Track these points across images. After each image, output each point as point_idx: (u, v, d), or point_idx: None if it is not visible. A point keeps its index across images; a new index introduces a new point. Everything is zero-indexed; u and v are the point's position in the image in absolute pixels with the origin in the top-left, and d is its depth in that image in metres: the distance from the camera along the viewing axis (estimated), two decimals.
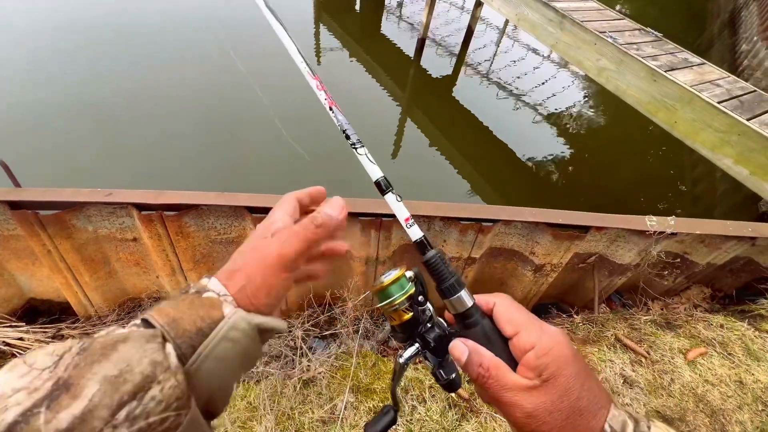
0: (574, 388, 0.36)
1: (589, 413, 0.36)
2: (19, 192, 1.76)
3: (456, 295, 0.42)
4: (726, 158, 2.90)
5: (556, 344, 0.38)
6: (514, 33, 8.02)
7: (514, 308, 0.41)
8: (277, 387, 1.74)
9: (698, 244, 2.22)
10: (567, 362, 0.37)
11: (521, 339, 0.38)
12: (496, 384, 0.38)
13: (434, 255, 0.45)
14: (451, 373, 0.45)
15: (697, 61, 3.46)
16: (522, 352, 0.38)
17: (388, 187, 0.50)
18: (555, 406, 0.35)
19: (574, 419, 0.35)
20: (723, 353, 1.92)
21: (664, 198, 4.75)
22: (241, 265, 0.38)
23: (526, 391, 0.36)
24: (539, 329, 0.39)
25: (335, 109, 0.53)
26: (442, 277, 0.44)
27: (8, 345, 2.02)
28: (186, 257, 2.03)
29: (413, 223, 0.48)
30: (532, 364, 0.37)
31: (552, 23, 3.87)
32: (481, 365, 0.39)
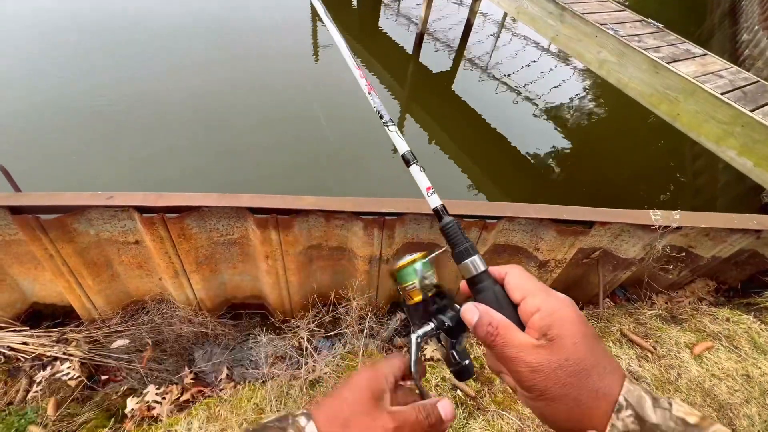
0: (579, 348, 0.36)
1: (596, 373, 0.36)
2: (20, 197, 1.74)
3: (469, 259, 0.44)
4: (729, 150, 2.88)
5: (561, 307, 0.39)
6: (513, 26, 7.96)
7: (525, 276, 0.43)
8: (283, 388, 1.74)
9: (703, 237, 2.20)
10: (572, 323, 0.38)
11: (528, 303, 0.40)
12: (503, 341, 0.39)
13: (450, 221, 0.48)
14: (465, 359, 0.46)
15: (700, 52, 3.43)
16: (528, 316, 0.39)
17: (413, 160, 0.56)
18: (559, 363, 0.36)
19: (578, 378, 0.36)
20: (729, 347, 1.91)
21: (666, 190, 4.74)
22: (350, 426, 0.37)
23: (532, 349, 0.37)
24: (545, 294, 0.40)
25: (373, 93, 0.66)
26: (456, 242, 0.46)
27: (13, 350, 2.02)
28: (189, 259, 2.02)
29: (433, 192, 0.53)
30: (537, 325, 0.38)
31: (552, 16, 3.82)
32: (490, 324, 0.40)
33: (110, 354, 2.09)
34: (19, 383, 1.93)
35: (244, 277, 2.29)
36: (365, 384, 0.40)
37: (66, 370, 1.98)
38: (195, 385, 2.01)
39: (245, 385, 1.81)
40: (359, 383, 0.40)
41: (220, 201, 1.81)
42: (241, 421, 1.60)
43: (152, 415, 1.80)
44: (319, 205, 1.85)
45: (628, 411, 0.35)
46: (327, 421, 0.37)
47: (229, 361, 2.19)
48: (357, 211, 1.87)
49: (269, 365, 1.89)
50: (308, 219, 1.96)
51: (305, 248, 2.09)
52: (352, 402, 0.39)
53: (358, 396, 0.39)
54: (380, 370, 0.42)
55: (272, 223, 1.87)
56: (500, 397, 1.72)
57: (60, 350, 2.04)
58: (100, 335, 2.14)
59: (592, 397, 0.36)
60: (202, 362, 2.18)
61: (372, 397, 0.39)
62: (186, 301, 2.26)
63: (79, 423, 1.74)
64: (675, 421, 0.34)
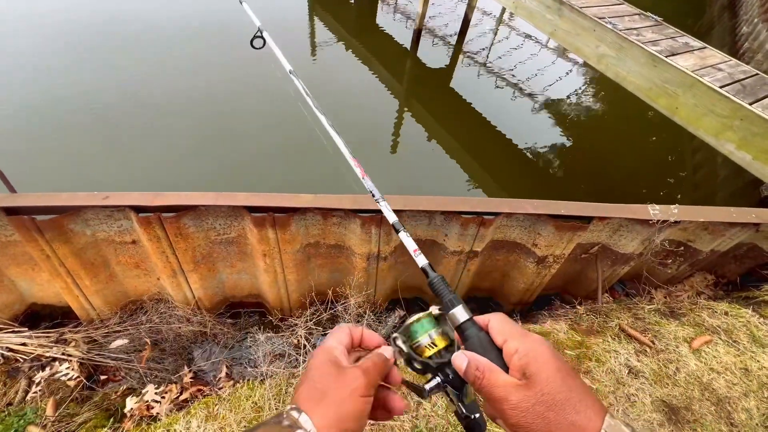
0: (551, 382, 0.40)
1: (570, 407, 0.39)
2: (15, 198, 1.74)
3: (453, 310, 0.50)
4: (728, 143, 2.86)
5: (535, 347, 0.43)
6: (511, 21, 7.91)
7: (505, 322, 0.48)
8: (282, 386, 1.74)
9: (701, 231, 2.20)
10: (545, 361, 0.41)
11: (509, 346, 0.44)
12: (488, 384, 0.43)
13: (435, 277, 0.55)
14: (474, 413, 0.48)
15: (698, 46, 3.41)
16: (510, 357, 0.44)
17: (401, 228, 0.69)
18: (536, 398, 0.39)
19: (555, 412, 0.38)
20: (728, 341, 1.91)
21: (665, 185, 4.72)
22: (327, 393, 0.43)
23: (514, 388, 0.41)
24: (522, 336, 0.45)
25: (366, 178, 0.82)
26: (440, 295, 0.53)
27: (12, 351, 2.02)
28: (186, 258, 2.02)
29: (419, 253, 0.63)
30: (517, 365, 0.42)
31: (550, 10, 3.80)
32: (477, 369, 0.44)
33: (109, 354, 2.09)
34: (18, 384, 1.94)
35: (242, 275, 2.29)
36: (324, 358, 0.46)
37: (65, 370, 1.98)
38: (194, 384, 2.01)
39: (244, 383, 1.81)
40: (318, 362, 0.46)
41: (217, 200, 1.80)
42: (239, 419, 1.61)
43: (151, 415, 1.80)
44: (317, 203, 1.84)
45: None
46: (307, 401, 0.42)
47: (228, 359, 2.19)
48: (354, 208, 1.86)
49: (268, 363, 1.89)
50: (305, 217, 1.95)
51: (303, 246, 2.09)
52: (319, 377, 0.44)
53: (322, 370, 0.45)
54: (328, 344, 0.48)
55: (269, 222, 1.87)
56: None
57: (59, 351, 2.04)
58: (99, 335, 2.14)
59: (571, 430, 0.38)
60: (201, 361, 2.18)
61: (332, 364, 0.45)
62: (184, 300, 2.26)
63: (78, 423, 1.74)
64: None
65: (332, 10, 7.13)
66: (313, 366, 0.46)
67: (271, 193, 1.85)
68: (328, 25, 6.78)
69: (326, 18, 6.92)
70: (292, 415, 0.40)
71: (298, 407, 0.41)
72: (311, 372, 0.45)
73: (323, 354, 0.47)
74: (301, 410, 0.41)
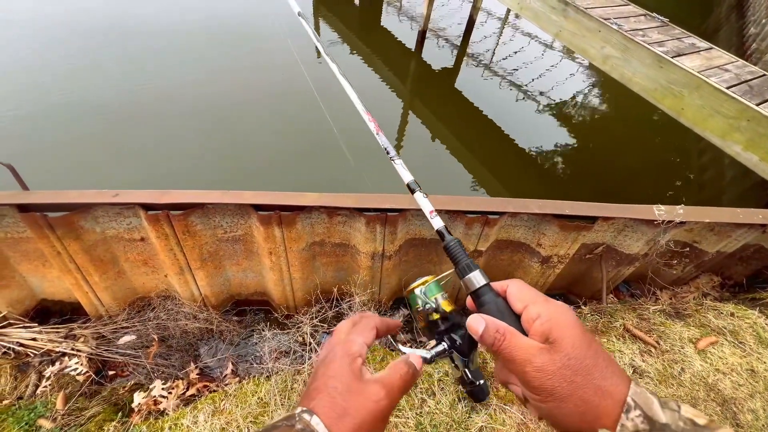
0: (578, 349, 0.39)
1: (597, 372, 0.38)
2: (27, 195, 1.77)
3: (471, 274, 0.48)
4: (735, 145, 2.85)
5: (559, 313, 0.41)
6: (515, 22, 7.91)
7: (525, 288, 0.46)
8: (287, 382, 1.76)
9: (707, 232, 2.19)
10: (570, 327, 0.40)
11: (529, 311, 0.43)
12: (509, 345, 0.41)
13: (452, 240, 0.53)
14: (479, 379, 0.48)
15: (705, 46, 3.39)
16: (530, 323, 0.42)
17: (417, 188, 0.65)
18: (563, 362, 0.38)
19: (582, 376, 0.37)
20: (734, 342, 1.90)
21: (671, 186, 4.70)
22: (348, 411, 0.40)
23: (537, 351, 0.40)
24: (545, 302, 0.43)
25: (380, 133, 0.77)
26: (457, 260, 0.50)
27: (22, 345, 2.06)
28: (193, 256, 2.04)
29: (436, 214, 0.59)
30: (539, 330, 0.41)
31: (555, 11, 3.80)
32: (497, 330, 0.42)
33: (117, 350, 2.12)
34: (28, 378, 1.97)
35: (247, 273, 2.32)
36: (346, 368, 0.42)
37: (74, 365, 2.01)
38: (200, 380, 2.03)
39: (250, 379, 1.83)
40: (340, 369, 0.42)
41: (224, 198, 1.83)
42: (245, 414, 1.63)
43: (159, 409, 1.83)
44: (322, 201, 1.86)
45: (637, 411, 0.36)
46: (328, 414, 0.39)
47: (234, 356, 2.21)
48: (359, 207, 1.88)
49: (273, 360, 1.91)
50: (311, 215, 1.97)
51: (308, 244, 2.10)
52: (342, 389, 0.41)
53: (345, 381, 0.41)
54: (354, 350, 0.44)
55: (275, 220, 1.89)
56: (503, 392, 1.73)
57: (68, 346, 2.08)
58: (107, 331, 2.17)
59: (598, 395, 0.37)
60: (207, 357, 2.20)
61: (354, 376, 0.42)
62: (191, 297, 2.29)
63: (87, 417, 1.77)
64: (684, 421, 0.35)
65: (336, 11, 7.17)
66: (334, 372, 0.42)
67: (278, 192, 1.87)
68: (332, 26, 6.82)
69: (330, 18, 6.96)
70: (304, 417, 0.39)
71: (311, 411, 0.39)
72: (331, 380, 0.42)
73: (346, 360, 0.43)
74: (313, 412, 0.39)
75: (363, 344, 0.45)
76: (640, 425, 0.35)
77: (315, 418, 0.39)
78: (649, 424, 0.35)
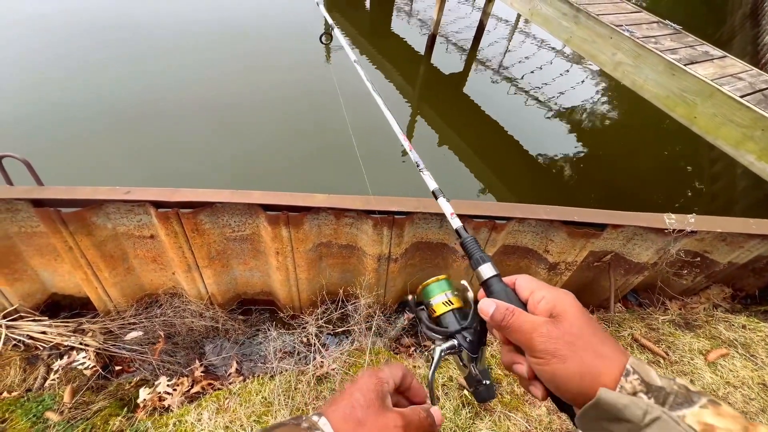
0: (580, 321, 0.43)
1: (597, 340, 0.42)
2: (42, 190, 1.81)
3: (484, 265, 0.53)
4: (749, 154, 2.80)
5: (561, 295, 0.46)
6: (526, 28, 7.90)
7: (531, 279, 0.50)
8: (291, 382, 1.76)
9: (719, 242, 2.16)
10: (571, 305, 0.45)
11: (534, 295, 0.47)
12: (517, 320, 0.45)
13: (469, 237, 0.59)
14: (486, 379, 0.50)
15: (719, 54, 3.36)
16: (535, 305, 0.46)
17: (440, 194, 0.75)
18: (565, 329, 0.42)
19: (583, 340, 0.42)
20: (745, 355, 1.87)
21: (682, 195, 4.63)
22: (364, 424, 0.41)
23: (543, 322, 0.44)
24: (548, 287, 0.48)
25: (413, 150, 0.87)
26: (473, 253, 0.56)
27: (32, 338, 2.09)
28: (201, 254, 2.07)
29: (455, 216, 0.68)
30: (543, 309, 0.45)
31: (566, 17, 3.79)
32: (507, 309, 0.47)
33: (124, 345, 2.14)
34: (37, 371, 2.00)
35: (254, 273, 2.33)
36: (373, 388, 0.44)
37: (82, 359, 2.04)
38: (205, 378, 2.05)
39: (254, 378, 1.84)
40: (367, 386, 0.44)
41: (233, 197, 1.85)
42: (249, 413, 1.63)
43: (163, 406, 1.84)
44: (330, 202, 1.87)
45: (635, 376, 0.39)
46: (342, 420, 0.40)
47: (239, 355, 2.22)
48: (367, 209, 1.88)
49: (278, 360, 1.92)
50: (318, 216, 1.98)
51: (315, 245, 2.11)
52: (364, 404, 0.42)
53: (368, 398, 0.43)
54: (383, 375, 0.46)
55: (283, 220, 1.90)
56: (507, 398, 1.71)
57: (77, 340, 2.10)
58: (115, 327, 2.20)
59: (598, 358, 0.41)
60: (212, 356, 2.22)
61: (378, 398, 0.43)
62: (198, 295, 2.31)
63: (93, 411, 1.78)
64: (678, 386, 0.38)
65: (348, 15, 7.23)
66: (361, 388, 0.44)
67: (286, 192, 1.89)
68: (343, 29, 6.87)
69: (341, 22, 7.02)
70: (312, 418, 0.40)
71: (322, 414, 0.41)
72: (356, 394, 0.43)
73: (375, 382, 0.45)
74: (322, 414, 0.41)
75: (389, 376, 0.47)
76: (637, 387, 0.38)
77: (323, 420, 0.40)
78: (646, 387, 0.38)
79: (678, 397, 0.37)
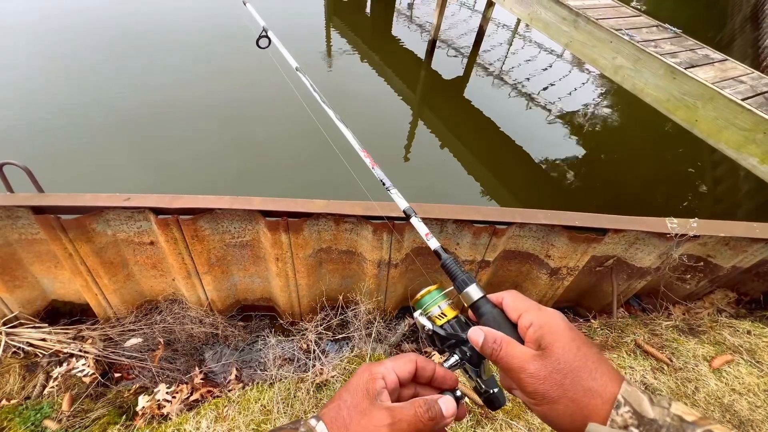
0: (567, 352, 0.41)
1: (586, 373, 0.40)
2: (43, 197, 1.81)
3: (467, 289, 0.51)
4: (751, 157, 2.79)
5: (550, 319, 0.44)
6: (525, 32, 7.92)
7: (519, 298, 0.48)
8: (290, 390, 1.74)
9: (722, 246, 2.14)
10: (560, 332, 0.42)
11: (523, 319, 0.45)
12: (505, 355, 0.44)
13: (447, 258, 0.56)
14: (493, 387, 0.49)
15: (719, 58, 3.35)
16: (525, 331, 0.45)
17: (412, 213, 0.71)
18: (553, 367, 0.41)
19: (571, 378, 0.40)
20: (751, 361, 1.84)
21: (684, 198, 4.61)
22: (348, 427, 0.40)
23: (531, 358, 0.42)
24: (537, 309, 0.46)
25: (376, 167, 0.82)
26: (454, 276, 0.54)
27: (32, 345, 2.09)
28: (201, 260, 2.06)
29: (431, 236, 0.65)
30: (532, 338, 0.43)
31: (566, 22, 3.80)
32: (494, 341, 0.45)
33: (123, 352, 2.13)
34: (36, 378, 1.99)
35: (254, 279, 2.32)
36: (362, 385, 0.43)
37: (81, 366, 2.03)
38: (204, 385, 2.03)
39: (253, 386, 1.82)
40: (357, 384, 0.43)
41: (233, 204, 1.84)
42: (248, 421, 1.61)
43: (162, 414, 1.83)
44: (330, 208, 1.87)
45: (627, 407, 0.38)
46: (331, 424, 0.40)
47: (238, 362, 2.21)
48: (366, 214, 1.88)
49: (277, 367, 1.91)
50: (318, 222, 1.97)
51: (315, 251, 2.11)
52: (351, 404, 0.41)
53: (356, 398, 0.42)
54: (377, 370, 0.44)
55: (283, 226, 1.89)
56: (509, 406, 1.69)
57: (76, 347, 2.10)
58: (115, 333, 2.19)
59: (587, 396, 0.39)
60: (212, 362, 2.21)
61: (367, 396, 0.42)
62: (198, 301, 2.30)
63: (92, 419, 1.77)
64: (672, 417, 0.37)
65: (349, 21, 7.27)
66: (350, 387, 0.43)
67: (286, 198, 1.89)
68: (344, 35, 6.91)
69: (342, 28, 7.06)
70: (310, 423, 0.40)
71: (320, 417, 0.41)
72: (345, 394, 0.42)
73: (366, 379, 0.43)
74: (320, 418, 0.40)
75: (391, 369, 0.44)
76: (629, 420, 0.37)
77: (321, 425, 0.40)
78: (637, 419, 0.37)
79: (670, 430, 0.36)
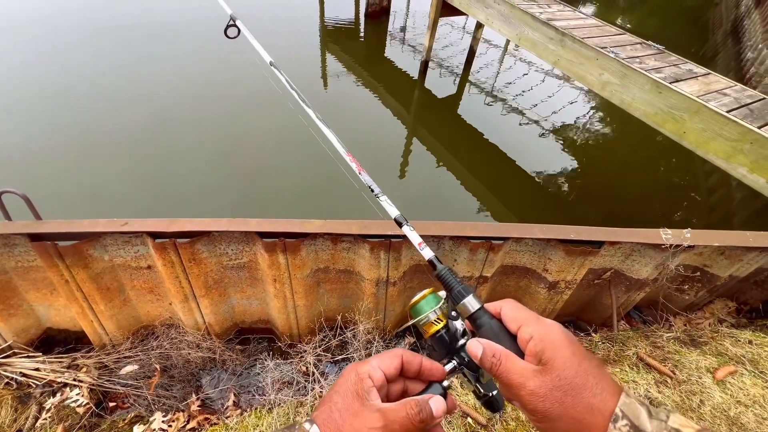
0: (568, 368, 0.40)
1: (587, 390, 0.39)
2: (40, 224, 1.82)
3: (464, 300, 0.49)
4: (740, 167, 2.84)
5: (550, 332, 0.43)
6: (515, 51, 8.16)
7: (517, 308, 0.47)
8: (289, 415, 1.71)
9: (718, 256, 2.15)
10: (561, 346, 0.42)
11: (523, 332, 0.44)
12: (505, 370, 0.43)
13: (442, 269, 0.54)
14: (491, 390, 0.49)
15: (702, 72, 3.46)
16: (525, 344, 0.44)
17: (404, 222, 0.68)
18: (554, 384, 0.40)
19: (572, 396, 0.39)
20: (754, 371, 1.82)
21: (679, 208, 4.65)
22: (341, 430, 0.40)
23: (531, 374, 0.41)
24: (536, 322, 0.45)
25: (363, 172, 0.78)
26: (450, 287, 0.52)
27: (25, 376, 2.05)
28: (198, 283, 2.05)
29: (425, 245, 0.62)
30: (533, 351, 0.42)
31: (553, 41, 3.93)
32: (493, 356, 0.44)
33: (119, 380, 2.09)
34: (29, 410, 1.94)
35: (252, 301, 2.31)
36: (351, 387, 0.42)
37: (75, 396, 1.98)
38: (201, 413, 1.99)
39: (251, 411, 1.78)
40: (345, 386, 0.43)
41: (230, 226, 1.85)
42: None
43: None
44: (326, 228, 1.88)
45: (624, 421, 0.38)
46: (324, 426, 0.40)
47: (236, 386, 2.17)
48: (363, 233, 1.89)
49: (276, 391, 1.87)
50: (315, 242, 1.98)
51: (313, 271, 2.10)
52: (342, 407, 0.41)
53: (346, 400, 0.42)
54: (363, 369, 0.44)
55: (280, 247, 1.90)
56: (513, 425, 1.66)
57: (70, 376, 2.06)
58: (110, 360, 2.15)
59: (588, 413, 0.39)
60: (209, 388, 2.16)
61: (357, 397, 0.41)
62: (195, 325, 2.27)
63: None
64: (669, 430, 0.37)
65: (343, 44, 7.49)
66: (339, 389, 0.43)
67: (282, 219, 1.90)
68: (339, 59, 7.10)
69: (337, 51, 7.26)
70: (304, 426, 0.40)
71: (313, 420, 0.41)
72: (335, 396, 0.42)
73: (353, 379, 0.43)
74: (313, 422, 0.41)
75: (377, 367, 0.44)
76: None
77: (314, 428, 0.40)
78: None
79: None
